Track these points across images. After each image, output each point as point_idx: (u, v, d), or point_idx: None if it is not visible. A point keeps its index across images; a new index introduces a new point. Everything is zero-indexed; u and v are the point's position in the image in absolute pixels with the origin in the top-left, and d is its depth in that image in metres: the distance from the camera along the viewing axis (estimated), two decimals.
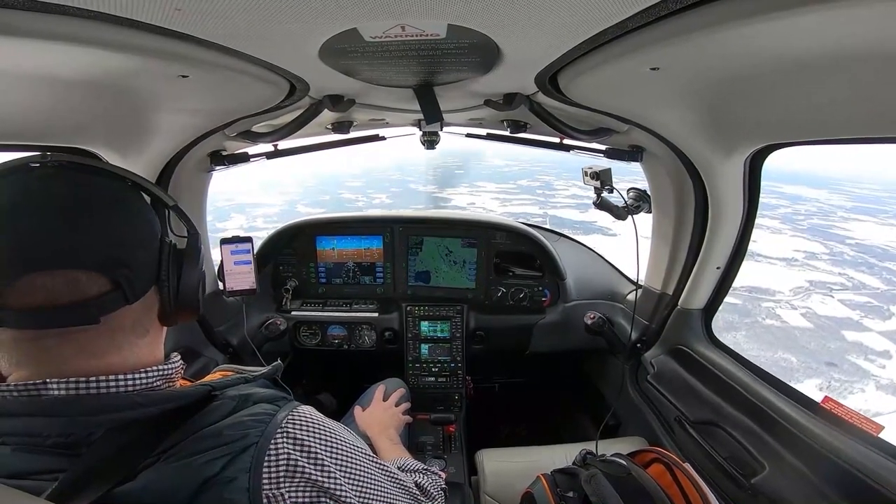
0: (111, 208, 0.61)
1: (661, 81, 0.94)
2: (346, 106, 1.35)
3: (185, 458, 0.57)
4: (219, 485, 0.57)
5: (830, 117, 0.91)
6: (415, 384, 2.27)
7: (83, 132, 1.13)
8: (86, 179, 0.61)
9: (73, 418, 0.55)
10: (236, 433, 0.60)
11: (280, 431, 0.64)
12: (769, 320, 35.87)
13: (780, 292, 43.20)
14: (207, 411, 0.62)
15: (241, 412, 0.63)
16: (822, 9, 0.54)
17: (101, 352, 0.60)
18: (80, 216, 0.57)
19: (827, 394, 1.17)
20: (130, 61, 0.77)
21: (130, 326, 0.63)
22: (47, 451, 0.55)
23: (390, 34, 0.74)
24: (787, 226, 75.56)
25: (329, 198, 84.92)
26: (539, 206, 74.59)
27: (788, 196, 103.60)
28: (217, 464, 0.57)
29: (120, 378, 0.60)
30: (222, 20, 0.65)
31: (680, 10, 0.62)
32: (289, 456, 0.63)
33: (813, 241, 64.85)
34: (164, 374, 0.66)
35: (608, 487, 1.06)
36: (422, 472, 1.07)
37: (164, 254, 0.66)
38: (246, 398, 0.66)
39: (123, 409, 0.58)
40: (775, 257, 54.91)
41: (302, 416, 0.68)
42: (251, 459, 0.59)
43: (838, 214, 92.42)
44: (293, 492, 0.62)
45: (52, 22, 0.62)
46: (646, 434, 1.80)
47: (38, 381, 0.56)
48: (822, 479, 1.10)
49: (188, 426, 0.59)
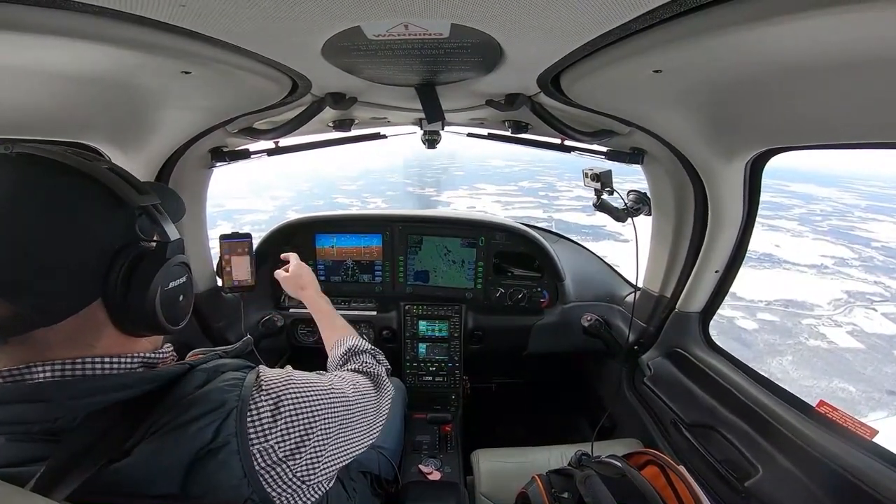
0: (18, 212, 0.53)
1: (664, 84, 0.94)
2: (348, 104, 1.35)
3: (174, 429, 0.58)
4: (212, 452, 0.59)
5: (832, 122, 0.91)
6: (412, 383, 2.28)
7: (86, 128, 1.13)
8: (15, 177, 0.54)
9: (60, 402, 0.55)
10: (216, 399, 0.63)
11: (255, 390, 0.67)
12: (814, 341, 33.28)
13: (819, 306, 40.70)
14: (181, 385, 0.64)
15: (213, 381, 0.66)
16: (824, 14, 0.54)
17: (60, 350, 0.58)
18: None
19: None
20: (134, 57, 0.77)
21: (64, 340, 0.58)
22: (36, 439, 0.56)
23: (393, 33, 0.74)
24: (806, 227, 72.77)
25: (323, 202, 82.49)
26: (543, 210, 72.29)
27: (800, 195, 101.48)
28: (208, 431, 0.60)
29: (104, 360, 0.60)
30: (226, 17, 0.65)
31: (683, 14, 0.62)
32: (269, 409, 0.67)
33: (838, 245, 62.09)
34: (146, 361, 0.66)
35: (603, 489, 1.06)
36: (367, 352, 1.14)
37: (115, 265, 0.58)
38: (215, 369, 0.68)
39: (106, 392, 0.58)
40: (804, 264, 52.69)
41: (270, 374, 0.73)
42: (235, 423, 0.62)
43: (855, 215, 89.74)
44: (281, 440, 0.66)
45: (56, 17, 0.63)
46: (641, 436, 1.80)
47: (21, 366, 0.56)
48: (815, 482, 1.11)
49: (167, 400, 0.61)
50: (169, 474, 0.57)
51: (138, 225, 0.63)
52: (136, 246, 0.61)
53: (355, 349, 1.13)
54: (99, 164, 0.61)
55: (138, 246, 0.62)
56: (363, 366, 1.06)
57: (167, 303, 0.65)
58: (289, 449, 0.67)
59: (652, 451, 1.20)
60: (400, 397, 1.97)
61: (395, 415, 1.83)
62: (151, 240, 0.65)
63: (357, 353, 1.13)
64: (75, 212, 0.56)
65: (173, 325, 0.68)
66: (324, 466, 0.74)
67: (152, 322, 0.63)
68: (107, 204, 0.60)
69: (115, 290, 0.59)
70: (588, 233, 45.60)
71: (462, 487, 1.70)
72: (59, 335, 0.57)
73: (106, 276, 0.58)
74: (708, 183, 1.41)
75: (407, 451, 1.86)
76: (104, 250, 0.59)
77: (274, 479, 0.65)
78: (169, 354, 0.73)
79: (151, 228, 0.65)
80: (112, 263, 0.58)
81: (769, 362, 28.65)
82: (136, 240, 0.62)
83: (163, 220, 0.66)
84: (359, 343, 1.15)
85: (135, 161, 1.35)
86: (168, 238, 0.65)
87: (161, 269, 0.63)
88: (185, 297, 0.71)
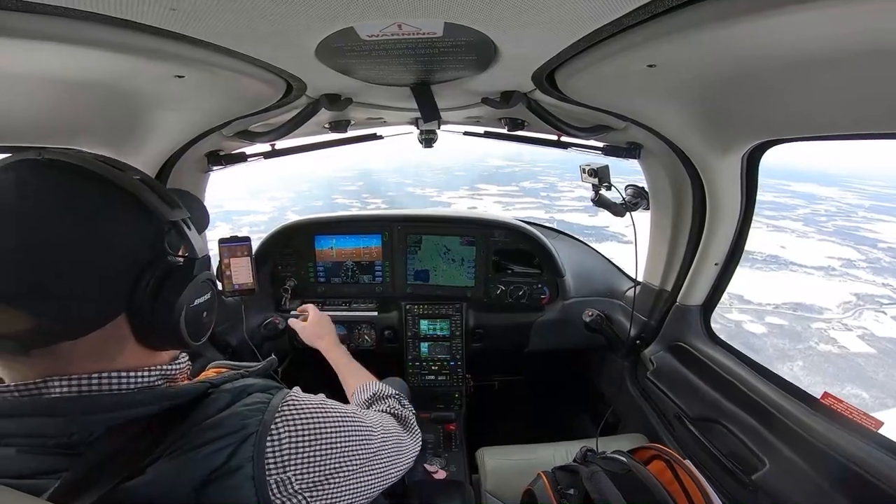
0: (56, 226, 0.51)
1: (658, 78, 0.94)
2: (344, 105, 1.35)
3: (189, 451, 0.57)
4: (224, 475, 0.57)
5: (827, 113, 0.91)
6: (415, 383, 2.28)
7: (80, 133, 1.13)
8: (46, 185, 0.53)
9: (75, 418, 0.55)
10: (236, 423, 0.61)
11: (278, 417, 0.65)
12: (824, 345, 32.50)
13: (828, 309, 39.70)
14: (204, 405, 0.62)
15: (237, 404, 0.64)
16: (817, 6, 0.54)
17: (86, 362, 0.58)
18: (4, 234, 0.49)
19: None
20: (126, 62, 0.77)
21: (87, 354, 0.57)
22: (51, 452, 0.55)
23: (387, 33, 0.73)
24: (811, 228, 71.82)
25: (322, 203, 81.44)
26: (545, 210, 71.45)
27: (802, 195, 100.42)
28: (221, 454, 0.58)
29: (123, 375, 0.59)
30: (218, 20, 0.65)
31: (676, 8, 0.62)
32: (290, 439, 0.64)
33: (844, 246, 61.26)
34: (165, 373, 0.65)
35: (609, 484, 1.06)
36: (393, 397, 1.11)
37: (142, 280, 0.57)
38: (241, 390, 0.66)
39: (124, 408, 0.57)
40: (811, 266, 51.68)
41: (296, 400, 0.70)
42: (253, 448, 0.60)
43: (859, 215, 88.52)
44: (300, 473, 0.64)
45: (47, 23, 0.62)
46: (646, 431, 1.80)
47: (38, 380, 0.56)
48: (822, 474, 1.11)
49: (188, 421, 0.59)
50: (179, 495, 0.56)
51: (167, 240, 0.61)
52: (163, 261, 0.60)
53: (380, 395, 1.11)
54: (130, 173, 0.60)
55: (166, 261, 0.60)
56: (390, 408, 1.04)
57: (192, 319, 0.64)
58: (308, 483, 0.65)
59: (657, 446, 1.20)
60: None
61: None
62: (179, 255, 0.64)
63: (382, 399, 1.10)
64: (105, 223, 0.55)
65: (196, 340, 0.66)
66: (343, 502, 0.71)
67: (176, 338, 0.62)
68: (137, 216, 0.58)
69: (141, 305, 0.57)
70: (591, 234, 44.40)
71: (468, 486, 1.70)
72: (82, 349, 0.56)
73: (132, 290, 0.57)
74: (705, 176, 1.41)
75: None
76: (132, 264, 0.57)
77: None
78: (185, 364, 0.72)
79: (179, 243, 0.64)
80: (139, 277, 0.57)
81: (779, 368, 27.36)
82: (164, 254, 0.61)
83: (191, 234, 0.64)
84: (383, 389, 1.13)
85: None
86: (196, 255, 0.64)
87: (188, 287, 0.62)
88: (209, 313, 0.70)
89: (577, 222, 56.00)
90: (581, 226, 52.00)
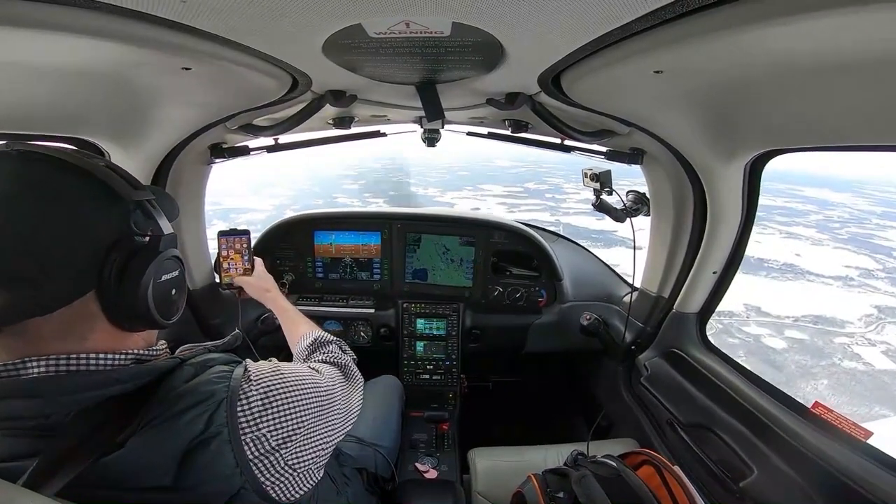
0: (19, 206, 0.54)
1: (665, 85, 0.94)
2: (348, 101, 1.35)
3: (166, 420, 0.59)
4: (204, 442, 0.60)
5: (832, 124, 0.91)
6: (409, 381, 2.28)
7: (86, 123, 1.13)
8: (15, 172, 0.56)
9: (52, 398, 0.56)
10: (205, 391, 0.64)
11: (244, 381, 0.68)
12: (849, 362, 31.41)
13: (850, 322, 38.44)
14: (170, 379, 0.64)
15: (202, 375, 0.67)
16: (825, 15, 0.54)
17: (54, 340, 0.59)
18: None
19: None
20: (134, 54, 0.77)
21: (57, 331, 0.59)
22: (28, 434, 0.56)
23: (395, 31, 0.74)
24: (825, 235, 69.61)
25: (322, 202, 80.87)
26: (550, 213, 69.89)
27: (815, 200, 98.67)
28: (198, 422, 0.61)
29: (100, 356, 0.61)
30: (227, 13, 0.65)
31: (685, 14, 0.62)
32: (259, 399, 0.68)
33: (860, 255, 59.39)
34: (140, 357, 0.67)
35: (598, 489, 1.07)
36: (334, 342, 1.16)
37: (109, 258, 0.59)
38: (203, 364, 0.70)
39: (101, 387, 0.59)
40: (828, 276, 49.75)
41: (258, 366, 0.75)
42: (225, 414, 0.63)
43: (873, 221, 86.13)
44: (272, 429, 0.68)
45: (57, 13, 0.62)
46: (637, 436, 1.81)
47: (16, 360, 0.57)
48: (810, 483, 1.11)
49: (157, 394, 0.62)
50: (161, 466, 0.58)
51: (133, 219, 0.63)
52: (130, 239, 0.62)
53: (321, 340, 1.14)
54: (96, 160, 0.63)
55: (132, 239, 0.62)
56: (330, 356, 1.07)
57: (160, 296, 0.65)
58: (280, 437, 0.69)
59: (647, 451, 1.21)
60: (397, 395, 1.98)
61: (392, 413, 1.83)
62: (145, 234, 0.65)
63: (323, 344, 1.14)
64: (72, 204, 0.58)
65: (166, 318, 0.68)
66: (311, 454, 0.75)
67: (144, 315, 0.64)
68: (103, 198, 0.61)
69: (109, 282, 0.59)
70: (598, 238, 42.62)
71: (458, 486, 1.71)
72: (53, 326, 0.58)
73: (100, 267, 0.59)
74: (707, 184, 1.41)
75: (404, 449, 1.86)
76: (99, 242, 0.59)
77: (266, 467, 0.66)
78: (163, 351, 0.73)
79: (145, 223, 0.66)
80: (107, 256, 0.59)
81: (803, 387, 26.82)
82: (131, 233, 0.63)
83: (156, 214, 0.67)
84: (323, 335, 1.16)
85: (134, 157, 1.34)
86: (161, 232, 0.67)
87: (153, 262, 0.63)
88: (178, 290, 0.71)
89: (584, 226, 54.36)
90: (588, 230, 50.44)
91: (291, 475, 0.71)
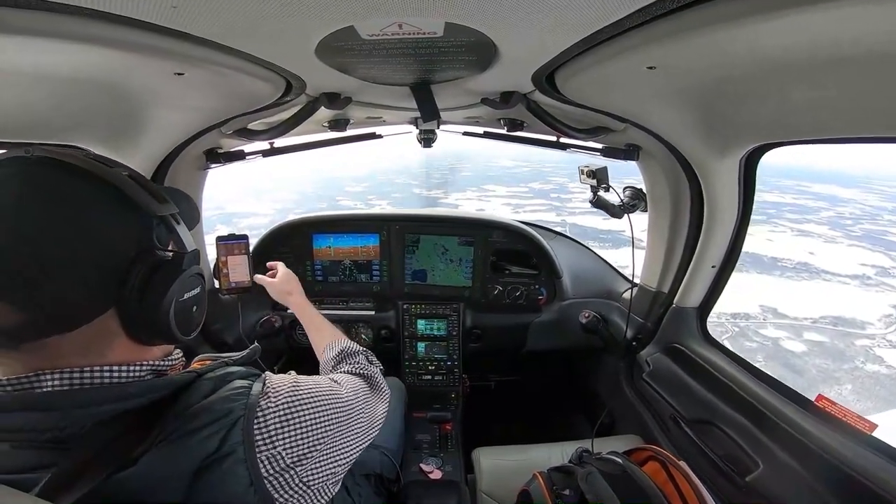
0: (45, 221, 0.52)
1: (658, 80, 0.94)
2: (343, 104, 1.35)
3: (179, 439, 0.58)
4: (217, 461, 0.59)
5: (825, 117, 0.91)
6: (411, 382, 2.28)
7: (78, 129, 1.13)
8: (35, 182, 0.53)
9: (68, 411, 0.55)
10: (222, 409, 0.62)
11: (262, 399, 0.67)
12: (872, 365, 29.48)
13: (870, 323, 36.19)
14: (188, 394, 0.63)
15: (220, 390, 0.65)
16: (816, 9, 0.54)
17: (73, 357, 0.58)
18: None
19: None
20: (126, 59, 0.77)
21: (77, 348, 0.57)
22: (43, 446, 0.55)
23: (387, 32, 0.73)
24: (838, 232, 67.28)
25: (326, 205, 79.02)
26: (556, 213, 67.67)
27: (824, 197, 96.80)
28: (213, 440, 0.59)
29: (115, 369, 0.60)
30: (218, 18, 0.64)
31: (677, 10, 0.62)
32: (276, 416, 0.67)
33: (875, 252, 56.41)
34: (156, 368, 0.66)
35: (604, 485, 1.07)
36: (361, 353, 1.15)
37: (131, 273, 0.57)
38: (223, 378, 0.68)
39: (116, 400, 0.58)
40: (844, 275, 47.12)
41: (277, 381, 0.73)
42: (242, 432, 0.62)
43: (885, 218, 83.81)
44: (289, 446, 0.66)
45: (47, 19, 0.62)
46: (641, 432, 1.81)
47: (30, 374, 0.56)
48: (816, 476, 1.11)
49: (174, 410, 0.60)
50: (174, 483, 0.57)
51: (156, 234, 0.62)
52: (152, 255, 0.60)
53: (347, 351, 1.13)
54: (119, 170, 0.61)
55: (155, 255, 0.61)
56: (357, 367, 1.06)
57: (181, 313, 0.64)
58: (296, 455, 0.67)
59: (653, 447, 1.21)
60: (400, 396, 1.97)
61: (396, 414, 1.83)
62: (168, 249, 0.64)
63: (350, 355, 1.13)
64: (93, 219, 0.56)
65: (185, 335, 0.67)
66: (328, 470, 0.74)
67: (165, 332, 0.62)
68: (125, 211, 0.59)
69: (130, 300, 0.58)
70: (606, 238, 39.88)
71: (463, 486, 1.71)
72: (72, 343, 0.56)
73: (121, 284, 0.57)
74: (703, 178, 1.41)
75: (407, 450, 1.86)
76: (120, 258, 0.58)
77: (281, 484, 0.65)
78: (178, 361, 0.72)
79: (168, 238, 0.65)
80: (128, 272, 0.57)
81: (827, 392, 24.86)
82: (153, 249, 0.61)
83: (180, 229, 0.65)
84: (350, 345, 1.15)
85: (129, 163, 1.32)
86: (185, 249, 0.65)
87: (177, 280, 0.62)
88: (199, 307, 0.70)
89: (591, 226, 51.53)
90: (596, 229, 47.64)
91: (305, 492, 0.69)
